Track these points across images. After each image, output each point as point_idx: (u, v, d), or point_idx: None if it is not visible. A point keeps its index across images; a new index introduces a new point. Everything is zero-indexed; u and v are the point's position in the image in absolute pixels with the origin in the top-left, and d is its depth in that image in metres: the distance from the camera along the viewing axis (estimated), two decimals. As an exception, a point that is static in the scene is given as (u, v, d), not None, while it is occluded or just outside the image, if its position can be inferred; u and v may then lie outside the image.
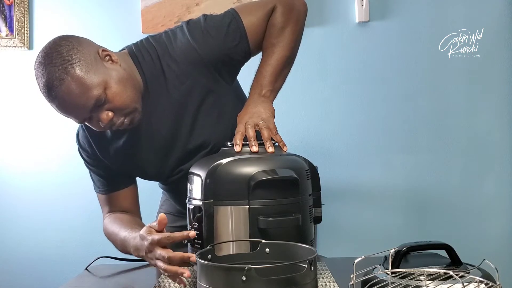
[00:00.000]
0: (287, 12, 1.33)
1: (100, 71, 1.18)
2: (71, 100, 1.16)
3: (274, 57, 1.30)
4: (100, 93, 1.16)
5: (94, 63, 1.18)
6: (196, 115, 1.30)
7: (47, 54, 1.17)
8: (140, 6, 2.31)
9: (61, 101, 1.16)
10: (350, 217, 2.32)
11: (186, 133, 1.31)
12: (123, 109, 1.21)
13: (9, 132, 2.42)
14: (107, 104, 1.18)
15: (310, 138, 2.33)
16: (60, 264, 2.34)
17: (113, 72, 1.20)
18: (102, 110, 1.19)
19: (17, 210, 2.41)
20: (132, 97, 1.22)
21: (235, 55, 1.31)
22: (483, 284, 0.81)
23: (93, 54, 1.19)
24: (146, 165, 1.37)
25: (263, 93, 1.27)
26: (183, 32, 1.30)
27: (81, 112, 1.19)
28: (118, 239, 1.31)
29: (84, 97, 1.15)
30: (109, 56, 1.22)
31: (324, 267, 1.25)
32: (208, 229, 1.04)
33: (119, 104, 1.19)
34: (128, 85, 1.22)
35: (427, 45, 2.31)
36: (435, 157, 2.33)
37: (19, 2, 2.36)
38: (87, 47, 1.20)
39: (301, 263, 0.79)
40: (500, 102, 2.33)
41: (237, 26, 1.30)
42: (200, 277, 0.81)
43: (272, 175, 1.01)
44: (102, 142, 1.37)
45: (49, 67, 1.15)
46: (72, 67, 1.14)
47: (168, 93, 1.29)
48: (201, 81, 1.28)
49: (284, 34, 1.32)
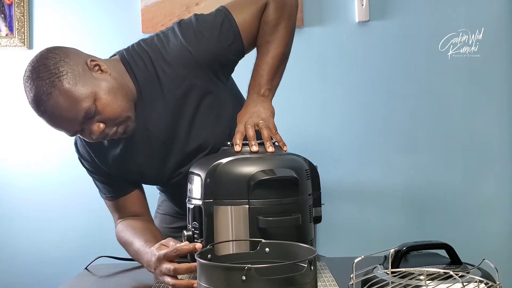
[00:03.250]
0: (279, 8, 1.31)
1: (88, 82, 1.15)
2: (60, 114, 1.14)
3: (269, 55, 1.29)
4: (90, 105, 1.14)
5: (83, 75, 1.15)
6: (193, 118, 1.28)
7: (34, 68, 1.14)
8: (140, 6, 2.31)
9: (50, 115, 1.15)
10: (350, 216, 2.32)
11: (183, 136, 1.29)
12: (115, 119, 1.19)
13: (9, 132, 2.42)
14: (97, 116, 1.16)
15: (310, 138, 2.33)
16: (60, 263, 2.34)
17: (102, 82, 1.18)
18: (93, 122, 1.17)
19: (17, 210, 2.40)
20: (123, 106, 1.20)
21: (230, 54, 1.29)
22: (483, 284, 0.81)
23: (81, 65, 1.17)
24: (145, 170, 1.35)
25: (262, 92, 1.27)
26: (175, 34, 1.27)
27: (71, 125, 1.17)
28: (132, 250, 1.31)
29: (73, 110, 1.13)
30: (98, 66, 1.20)
31: (324, 266, 1.25)
32: (208, 229, 1.04)
33: (110, 115, 1.17)
34: (118, 94, 1.19)
35: (427, 45, 2.31)
36: (435, 157, 2.33)
37: (19, 2, 2.36)
38: (74, 59, 1.17)
39: (301, 263, 0.79)
40: (500, 102, 2.34)
41: (230, 25, 1.28)
42: (200, 277, 0.81)
43: (272, 175, 1.01)
44: (100, 151, 1.35)
45: (36, 81, 1.13)
46: (59, 80, 1.12)
47: (163, 97, 1.27)
48: (197, 83, 1.27)
49: (278, 31, 1.30)
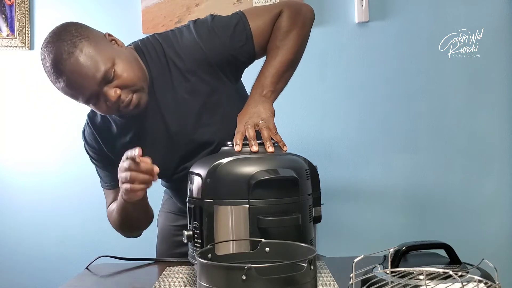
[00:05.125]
0: (293, 16, 1.34)
1: (108, 49, 1.21)
2: (80, 72, 1.16)
3: (277, 59, 1.31)
4: (109, 68, 1.18)
5: (102, 41, 1.21)
6: (201, 113, 1.31)
7: (55, 33, 1.19)
8: (141, 7, 2.32)
9: (69, 75, 1.17)
10: (349, 216, 2.33)
11: (191, 130, 1.32)
12: (131, 86, 1.22)
13: (9, 132, 2.42)
14: (115, 80, 1.20)
15: (309, 138, 2.34)
16: (61, 263, 2.35)
17: (119, 52, 1.24)
18: (110, 87, 1.20)
19: (18, 210, 2.41)
20: (139, 75, 1.24)
21: (240, 56, 1.32)
22: (482, 284, 0.81)
23: (101, 35, 1.24)
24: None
25: (264, 93, 1.28)
26: (189, 30, 1.31)
27: (89, 86, 1.19)
28: (117, 208, 1.34)
29: (93, 70, 1.17)
30: (114, 41, 1.26)
31: (324, 266, 1.25)
32: (208, 228, 1.04)
33: (127, 81, 1.21)
34: (134, 65, 1.25)
35: (427, 45, 2.31)
36: (435, 157, 2.33)
37: (20, 2, 2.36)
38: (94, 29, 1.24)
39: (300, 263, 0.79)
40: (500, 102, 2.34)
41: (243, 27, 1.31)
42: (200, 276, 0.81)
43: (272, 175, 1.02)
44: (109, 138, 1.38)
45: (57, 43, 1.17)
46: (80, 41, 1.17)
47: (173, 89, 1.30)
48: (206, 79, 1.30)
49: (289, 38, 1.32)
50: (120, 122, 1.36)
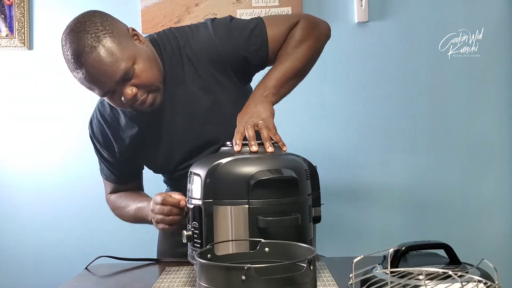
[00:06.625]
0: (309, 28, 1.35)
1: (130, 46, 1.21)
2: (100, 68, 1.17)
3: (285, 64, 1.31)
4: (129, 66, 1.19)
5: (125, 38, 1.22)
6: (210, 110, 1.33)
7: (80, 22, 1.19)
8: (140, 7, 2.32)
9: (89, 69, 1.17)
10: (349, 216, 2.33)
11: (198, 126, 1.34)
12: (148, 86, 1.23)
13: (9, 132, 2.42)
14: (134, 79, 1.20)
15: (309, 138, 2.33)
16: (60, 263, 2.34)
17: (141, 50, 1.24)
18: (127, 85, 1.20)
19: (17, 210, 2.41)
20: (157, 76, 1.26)
21: (253, 59, 1.33)
22: (481, 284, 0.81)
23: (124, 30, 1.24)
24: (155, 153, 1.40)
25: (265, 94, 1.28)
26: (206, 27, 1.33)
27: (107, 82, 1.20)
28: (131, 209, 1.40)
29: (113, 67, 1.17)
30: (137, 36, 1.27)
31: (324, 266, 1.25)
32: (207, 229, 1.04)
33: (145, 81, 1.22)
34: (154, 64, 1.26)
35: (427, 45, 2.31)
36: (434, 157, 2.33)
37: (19, 2, 2.36)
38: (118, 22, 1.25)
39: (300, 263, 0.79)
40: (499, 102, 2.34)
41: (260, 32, 1.33)
42: (199, 277, 0.81)
43: (272, 175, 1.02)
44: (117, 130, 1.40)
45: (81, 34, 1.17)
46: (105, 36, 1.17)
47: (185, 84, 1.32)
48: (217, 77, 1.32)
49: (301, 47, 1.33)
50: (130, 114, 1.38)
